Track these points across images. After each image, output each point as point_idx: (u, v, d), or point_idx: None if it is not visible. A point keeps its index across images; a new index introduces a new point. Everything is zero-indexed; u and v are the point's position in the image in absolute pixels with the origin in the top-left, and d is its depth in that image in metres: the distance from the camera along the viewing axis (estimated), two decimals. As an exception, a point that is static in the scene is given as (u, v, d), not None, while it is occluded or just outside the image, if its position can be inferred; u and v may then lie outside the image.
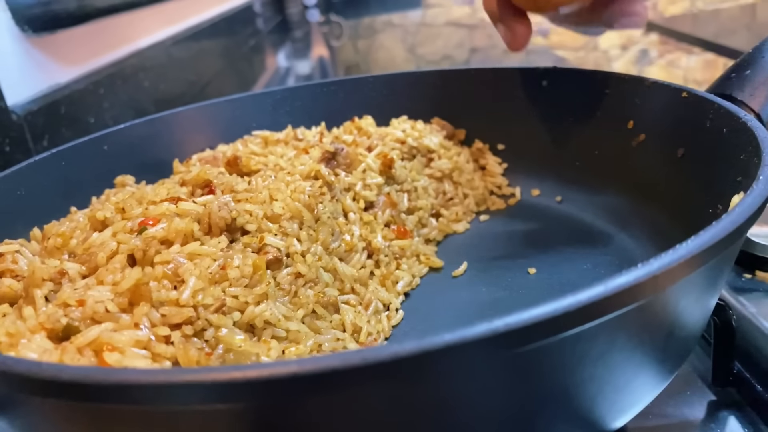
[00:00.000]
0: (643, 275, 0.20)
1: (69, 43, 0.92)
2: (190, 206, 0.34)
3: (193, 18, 1.44)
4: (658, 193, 0.41)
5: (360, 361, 0.18)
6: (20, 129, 0.75)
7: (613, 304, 0.20)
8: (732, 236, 0.22)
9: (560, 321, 0.19)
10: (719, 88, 0.42)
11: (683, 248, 0.21)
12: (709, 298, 0.29)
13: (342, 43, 2.25)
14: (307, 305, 0.33)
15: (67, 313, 0.26)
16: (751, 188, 0.25)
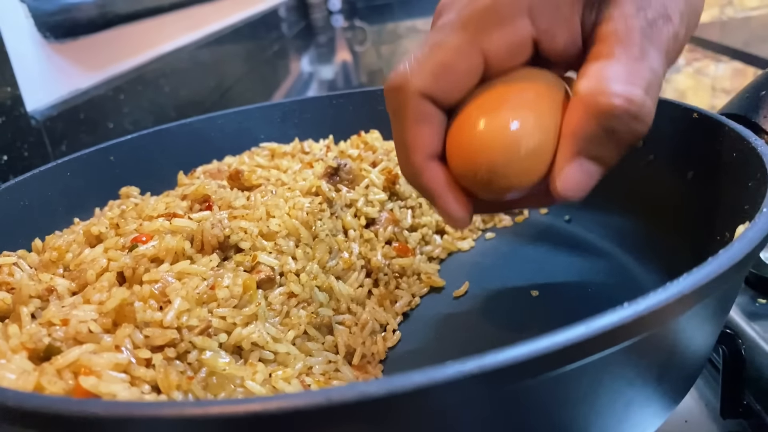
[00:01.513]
0: (628, 316, 0.19)
1: (90, 49, 0.93)
2: (184, 223, 0.34)
3: (216, 23, 1.45)
4: (666, 215, 0.40)
5: (324, 401, 0.17)
6: (39, 134, 0.77)
7: (593, 347, 0.19)
8: (728, 274, 0.21)
9: (536, 364, 0.18)
10: (734, 108, 0.41)
11: (672, 287, 0.20)
12: (709, 333, 0.28)
13: (365, 49, 2.25)
14: (298, 326, 0.32)
15: (50, 333, 0.26)
16: (753, 221, 0.24)
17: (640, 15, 0.27)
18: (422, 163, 0.30)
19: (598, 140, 0.27)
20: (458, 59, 0.28)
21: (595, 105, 0.26)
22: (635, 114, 0.26)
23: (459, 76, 0.29)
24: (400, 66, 0.29)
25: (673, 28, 0.28)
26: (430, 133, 0.29)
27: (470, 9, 0.28)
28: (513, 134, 0.27)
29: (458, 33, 0.28)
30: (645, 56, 0.27)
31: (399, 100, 0.29)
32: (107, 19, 0.92)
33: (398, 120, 0.30)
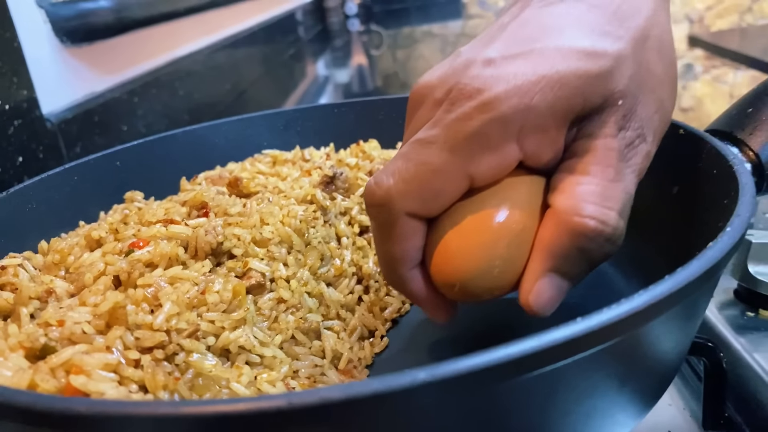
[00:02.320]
0: (579, 331, 0.20)
1: (106, 53, 0.95)
2: (179, 229, 0.35)
3: (232, 28, 1.47)
4: (652, 228, 0.40)
5: (285, 405, 0.18)
6: (54, 137, 0.79)
7: (543, 359, 0.20)
8: (682, 293, 0.22)
9: (484, 374, 0.19)
10: (721, 124, 0.42)
11: (623, 306, 0.21)
12: (674, 343, 0.28)
13: (381, 53, 2.26)
14: (286, 331, 0.34)
15: (47, 333, 0.28)
16: (714, 240, 0.25)
17: (620, 136, 0.28)
18: (407, 273, 0.31)
19: (571, 258, 0.27)
20: (446, 184, 0.29)
21: (570, 225, 0.27)
22: (608, 237, 0.27)
23: (445, 198, 0.29)
24: (384, 179, 0.29)
25: (647, 147, 0.29)
26: (415, 246, 0.30)
27: (459, 132, 0.28)
28: (486, 257, 0.28)
29: (446, 156, 0.28)
30: (620, 178, 0.28)
31: (386, 218, 0.29)
32: (123, 24, 0.94)
33: (385, 235, 0.30)
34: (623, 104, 0.28)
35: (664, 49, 0.31)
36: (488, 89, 0.27)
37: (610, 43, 0.28)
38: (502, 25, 0.32)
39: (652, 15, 0.31)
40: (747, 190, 0.29)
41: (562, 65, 0.28)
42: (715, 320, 0.45)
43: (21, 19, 0.76)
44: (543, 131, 0.28)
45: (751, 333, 0.44)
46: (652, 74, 0.30)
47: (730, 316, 0.46)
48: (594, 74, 0.28)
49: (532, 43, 0.29)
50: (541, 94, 0.27)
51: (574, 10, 0.30)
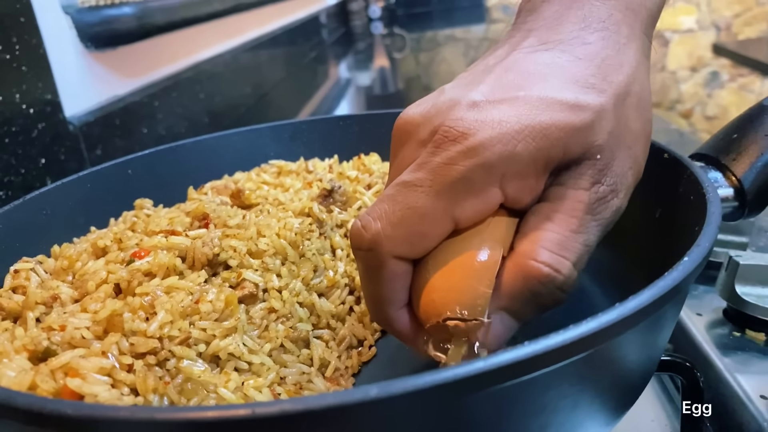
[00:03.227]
0: (529, 353, 0.22)
1: (129, 57, 0.98)
2: (178, 240, 0.37)
3: (254, 31, 1.50)
4: (634, 248, 0.42)
5: (249, 414, 0.20)
6: (75, 139, 0.82)
7: (490, 380, 0.21)
8: (628, 322, 0.24)
9: (438, 391, 0.21)
10: (708, 149, 0.43)
11: (575, 330, 0.23)
12: (638, 360, 0.30)
13: (404, 56, 2.28)
14: (275, 339, 0.36)
15: (49, 337, 0.30)
16: (671, 269, 0.26)
17: (593, 190, 0.29)
18: (395, 314, 0.31)
19: (522, 300, 0.28)
20: (432, 227, 0.29)
21: (525, 268, 0.28)
22: (560, 285, 0.28)
23: (431, 240, 0.30)
24: (372, 223, 0.29)
25: (618, 203, 0.30)
26: (402, 287, 0.31)
27: (445, 176, 0.28)
28: (470, 296, 0.29)
29: (432, 200, 0.29)
30: (583, 230, 0.29)
31: (374, 262, 0.30)
32: (145, 29, 0.97)
33: (372, 278, 0.30)
34: (601, 159, 0.29)
35: (642, 106, 0.32)
36: (473, 134, 0.28)
37: (593, 97, 0.29)
38: (487, 66, 0.32)
39: (634, 71, 0.31)
40: (712, 220, 0.30)
41: (545, 116, 0.28)
42: (701, 339, 0.46)
43: (47, 25, 0.79)
44: (524, 178, 0.29)
45: (735, 353, 0.44)
46: (630, 130, 0.31)
47: (717, 335, 0.47)
48: (575, 127, 0.29)
49: (516, 90, 0.30)
50: (524, 143, 0.28)
51: (559, 60, 0.31)
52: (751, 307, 0.46)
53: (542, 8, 0.34)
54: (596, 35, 0.32)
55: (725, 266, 0.47)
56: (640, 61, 0.32)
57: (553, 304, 0.29)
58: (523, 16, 0.35)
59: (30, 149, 0.73)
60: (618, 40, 0.32)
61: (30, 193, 0.45)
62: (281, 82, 1.66)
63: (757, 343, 0.45)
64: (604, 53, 0.31)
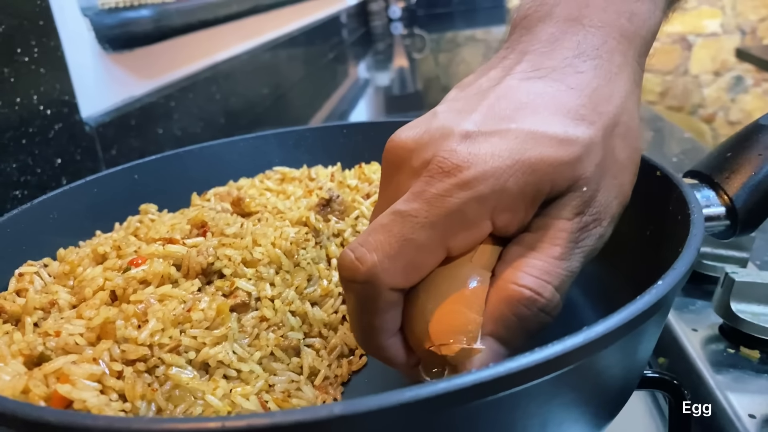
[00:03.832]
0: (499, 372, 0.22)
1: (146, 58, 1.00)
2: (175, 249, 0.38)
3: (272, 32, 1.51)
4: (626, 266, 0.42)
5: (219, 427, 0.21)
6: (91, 140, 0.84)
7: (460, 397, 0.22)
8: (596, 346, 0.24)
9: (400, 410, 0.22)
10: (702, 166, 0.43)
11: (545, 351, 0.23)
12: (619, 374, 0.30)
13: (423, 56, 2.28)
14: (266, 347, 0.37)
15: (45, 342, 0.31)
16: (649, 289, 0.27)
17: (576, 220, 0.30)
18: (386, 342, 0.31)
19: (507, 323, 0.29)
20: (427, 258, 0.30)
21: (507, 292, 0.29)
22: (542, 307, 0.28)
23: (425, 270, 0.30)
24: (367, 255, 0.29)
25: (602, 231, 0.31)
26: (395, 318, 0.31)
27: (440, 208, 0.29)
28: (461, 322, 0.29)
29: (428, 232, 0.29)
30: (565, 257, 0.29)
31: (369, 293, 0.29)
32: (162, 32, 0.98)
33: (366, 309, 0.30)
34: (586, 191, 0.30)
35: (630, 135, 0.32)
36: (467, 168, 0.29)
37: (582, 130, 0.30)
38: (480, 91, 0.33)
39: (624, 102, 0.32)
40: (692, 244, 0.31)
41: (534, 151, 0.29)
42: (695, 355, 0.46)
43: (66, 28, 0.81)
44: (513, 211, 0.30)
45: (727, 370, 0.45)
46: (617, 161, 0.31)
47: (712, 352, 0.47)
48: (564, 162, 0.29)
49: (508, 121, 0.30)
50: (514, 178, 0.29)
51: (551, 89, 0.31)
52: (746, 324, 0.46)
53: (538, 29, 0.34)
54: (589, 64, 0.32)
55: (721, 282, 0.47)
56: (630, 90, 0.33)
57: (539, 327, 0.29)
58: (517, 35, 0.35)
59: (46, 149, 0.75)
60: (610, 69, 0.32)
61: (37, 198, 0.46)
62: (299, 82, 1.68)
63: (751, 360, 0.45)
64: (595, 83, 0.32)
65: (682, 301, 0.52)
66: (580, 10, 0.34)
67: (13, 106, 0.71)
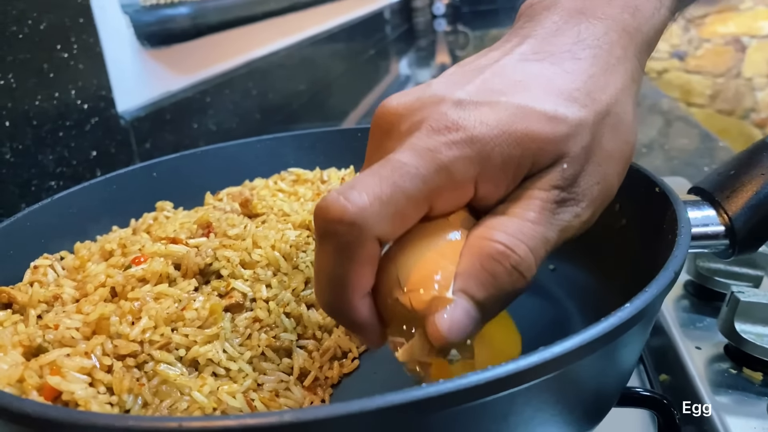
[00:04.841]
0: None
1: (184, 54, 1.03)
2: (176, 248, 0.40)
3: (312, 29, 1.53)
4: (622, 280, 0.42)
5: (176, 427, 0.22)
6: (126, 133, 0.87)
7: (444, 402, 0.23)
8: (571, 357, 0.25)
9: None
10: (706, 183, 0.42)
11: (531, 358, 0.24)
12: (598, 384, 0.31)
13: (466, 53, 2.26)
14: (256, 347, 0.38)
15: (44, 334, 0.33)
16: (611, 314, 0.27)
17: (552, 192, 0.30)
18: (357, 301, 0.30)
19: (479, 279, 0.28)
20: (413, 210, 0.29)
21: (478, 247, 0.28)
22: (515, 264, 0.28)
23: (408, 224, 0.30)
24: (356, 196, 0.27)
25: (578, 210, 0.30)
26: (370, 275, 0.30)
27: (432, 162, 0.28)
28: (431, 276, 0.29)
29: (417, 184, 0.28)
30: (540, 222, 0.29)
31: (353, 239, 0.28)
32: (199, 29, 1.01)
33: (344, 258, 0.28)
34: (567, 168, 0.30)
35: (622, 129, 0.32)
36: (455, 130, 0.29)
37: (572, 111, 0.30)
38: (477, 67, 0.33)
39: (618, 93, 0.32)
40: (670, 267, 0.30)
41: (521, 125, 0.29)
42: (695, 374, 0.46)
43: (105, 24, 0.84)
44: (495, 182, 0.30)
45: (727, 392, 0.44)
46: (604, 149, 0.31)
47: (714, 371, 0.46)
48: (549, 139, 0.29)
49: (499, 95, 0.30)
50: (499, 148, 0.29)
51: (547, 72, 0.32)
52: (749, 345, 0.45)
53: (542, 17, 0.35)
54: (588, 52, 0.32)
55: (726, 301, 0.46)
56: (626, 84, 0.33)
57: (512, 288, 0.29)
58: (522, 22, 0.36)
59: (82, 142, 0.79)
60: (608, 60, 0.32)
61: (58, 194, 0.49)
62: (338, 78, 1.69)
63: (753, 382, 0.44)
64: (591, 71, 0.32)
65: (690, 317, 0.52)
66: (584, 2, 0.34)
67: (51, 100, 0.74)
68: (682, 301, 0.54)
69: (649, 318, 0.33)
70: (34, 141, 0.71)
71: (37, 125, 0.72)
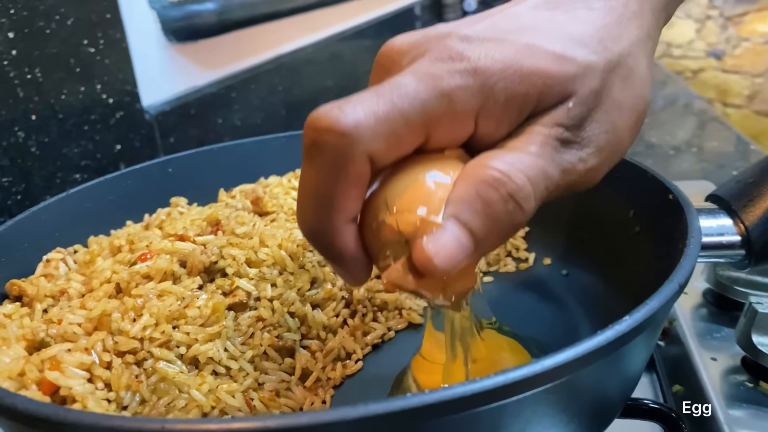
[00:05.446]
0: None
1: (209, 50, 1.03)
2: (182, 246, 0.40)
3: (339, 25, 1.53)
4: (634, 287, 0.41)
5: (158, 428, 0.23)
6: (150, 128, 0.88)
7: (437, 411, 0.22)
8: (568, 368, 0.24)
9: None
10: (724, 191, 0.41)
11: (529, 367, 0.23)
12: (602, 393, 0.30)
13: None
14: (258, 347, 0.38)
15: (47, 329, 0.34)
16: (609, 326, 0.26)
17: (555, 129, 0.28)
18: (342, 226, 0.28)
19: (472, 206, 0.27)
20: (410, 135, 0.28)
21: (473, 173, 0.27)
22: (512, 192, 0.27)
23: (403, 149, 0.28)
24: (351, 109, 0.26)
25: (583, 155, 0.29)
26: (359, 197, 0.28)
27: (434, 87, 0.27)
28: (421, 200, 0.27)
29: (417, 107, 0.27)
30: (540, 155, 0.28)
31: (344, 152, 0.26)
32: (224, 25, 1.02)
33: (333, 173, 0.27)
34: (572, 108, 0.29)
35: (634, 81, 0.31)
36: (460, 60, 0.28)
37: (582, 53, 0.29)
38: (488, 13, 0.32)
39: (632, 46, 0.31)
40: (675, 278, 0.30)
41: (528, 62, 0.28)
42: (710, 386, 0.44)
43: (132, 20, 0.85)
44: (497, 119, 0.29)
45: (741, 405, 0.42)
46: (613, 98, 0.30)
47: (730, 383, 0.45)
48: (556, 76, 0.28)
49: (507, 33, 0.29)
50: (503, 83, 0.28)
51: (559, 18, 0.31)
52: (767, 358, 0.43)
53: None
54: (602, 3, 0.31)
55: (744, 312, 0.45)
56: (641, 38, 0.32)
57: (508, 220, 0.27)
58: None
59: (107, 136, 0.80)
60: (623, 13, 0.32)
61: (74, 188, 0.49)
62: (365, 75, 1.68)
63: None
64: (605, 20, 0.31)
65: (707, 327, 0.50)
66: None
67: (77, 95, 0.75)
68: (700, 309, 0.52)
69: (653, 329, 0.32)
70: (60, 134, 0.72)
71: (63, 119, 0.73)
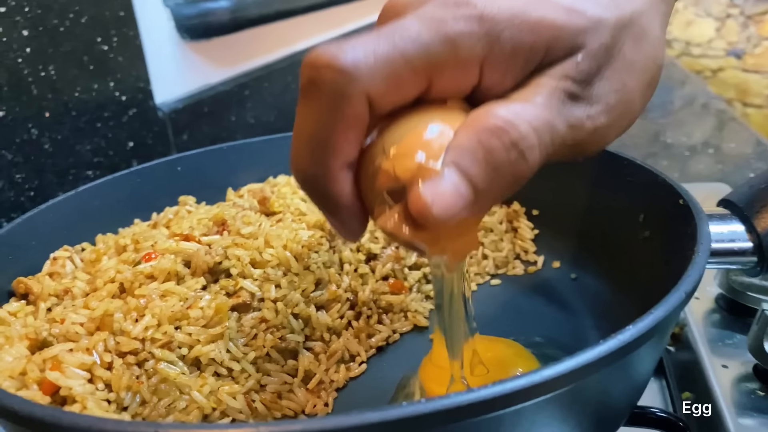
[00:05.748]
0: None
1: (223, 48, 1.04)
2: (187, 246, 0.40)
3: (353, 23, 1.53)
4: (643, 293, 0.40)
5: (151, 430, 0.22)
6: (163, 125, 0.88)
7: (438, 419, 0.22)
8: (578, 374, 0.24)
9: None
10: (736, 196, 0.40)
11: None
12: (606, 401, 0.30)
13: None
14: (261, 348, 0.38)
15: (50, 328, 0.34)
16: (613, 335, 0.26)
17: (563, 82, 0.27)
18: (338, 172, 0.27)
19: (473, 154, 0.26)
20: (410, 78, 0.27)
21: (475, 122, 0.26)
22: (515, 141, 0.25)
23: (403, 94, 0.27)
24: (350, 50, 0.25)
25: (591, 112, 0.28)
26: (357, 140, 0.27)
27: (438, 31, 0.26)
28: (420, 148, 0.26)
29: (419, 51, 0.26)
30: (547, 107, 0.27)
31: (342, 90, 0.25)
32: (238, 22, 1.02)
33: (329, 113, 0.25)
34: (581, 62, 0.28)
35: (646, 41, 0.30)
36: (465, 5, 0.27)
37: (593, 8, 0.28)
38: None
39: (646, 8, 0.30)
40: (682, 286, 0.29)
41: (537, 12, 0.28)
42: (720, 394, 0.44)
43: (145, 17, 0.86)
44: (503, 70, 0.28)
45: (751, 414, 0.42)
46: (624, 56, 0.29)
47: (741, 391, 0.44)
48: (565, 28, 0.28)
49: None
50: (510, 32, 0.27)
51: None
52: (779, 366, 0.42)
53: None
54: None
55: (757, 319, 0.44)
56: (655, 1, 0.31)
57: (510, 171, 0.26)
58: None
59: (120, 133, 0.80)
60: None
61: (82, 186, 0.50)
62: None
63: (780, 406, 0.42)
64: None
65: (719, 333, 0.49)
66: None
67: (90, 92, 0.76)
68: (713, 315, 0.51)
69: (659, 338, 0.32)
70: (73, 131, 0.72)
71: (76, 116, 0.73)
